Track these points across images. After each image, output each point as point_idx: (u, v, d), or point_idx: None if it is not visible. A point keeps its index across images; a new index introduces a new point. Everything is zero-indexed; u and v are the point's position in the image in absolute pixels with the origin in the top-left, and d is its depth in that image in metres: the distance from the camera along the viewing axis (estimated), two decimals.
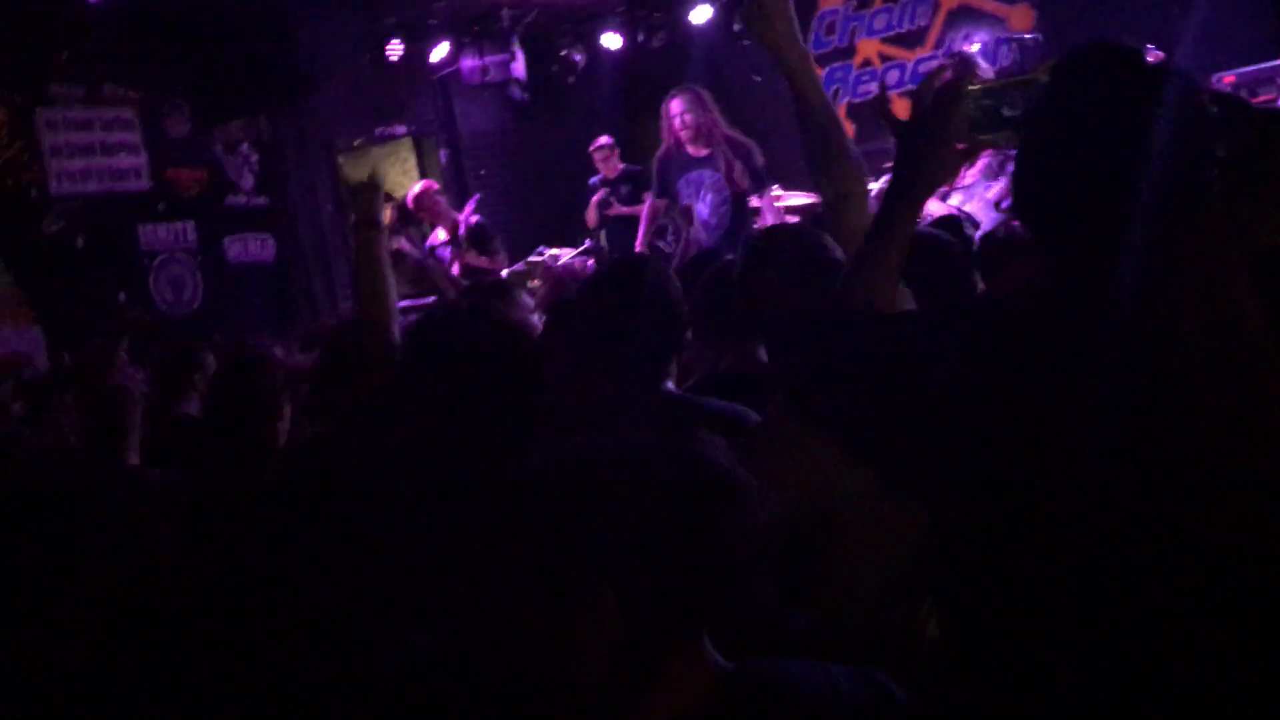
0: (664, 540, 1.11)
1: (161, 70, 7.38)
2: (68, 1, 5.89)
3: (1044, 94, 1.40)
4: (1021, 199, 1.44)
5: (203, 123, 7.63)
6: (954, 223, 4.20)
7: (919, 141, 1.66)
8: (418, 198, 7.45)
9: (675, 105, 6.37)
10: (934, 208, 5.62)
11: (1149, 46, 6.60)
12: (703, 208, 6.37)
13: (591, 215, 7.63)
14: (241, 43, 6.70)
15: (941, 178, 1.69)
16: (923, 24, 8.90)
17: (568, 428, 2.10)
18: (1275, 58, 6.47)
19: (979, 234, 5.15)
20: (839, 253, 2.33)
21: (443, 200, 7.61)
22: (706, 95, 6.46)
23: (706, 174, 6.38)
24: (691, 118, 6.31)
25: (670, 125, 6.40)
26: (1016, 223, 3.71)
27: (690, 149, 6.36)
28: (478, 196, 7.54)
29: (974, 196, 5.74)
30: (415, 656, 1.06)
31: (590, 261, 7.43)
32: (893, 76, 9.11)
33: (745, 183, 6.35)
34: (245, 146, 8.10)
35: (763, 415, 2.25)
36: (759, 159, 6.44)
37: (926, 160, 1.65)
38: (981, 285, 3.40)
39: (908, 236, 1.69)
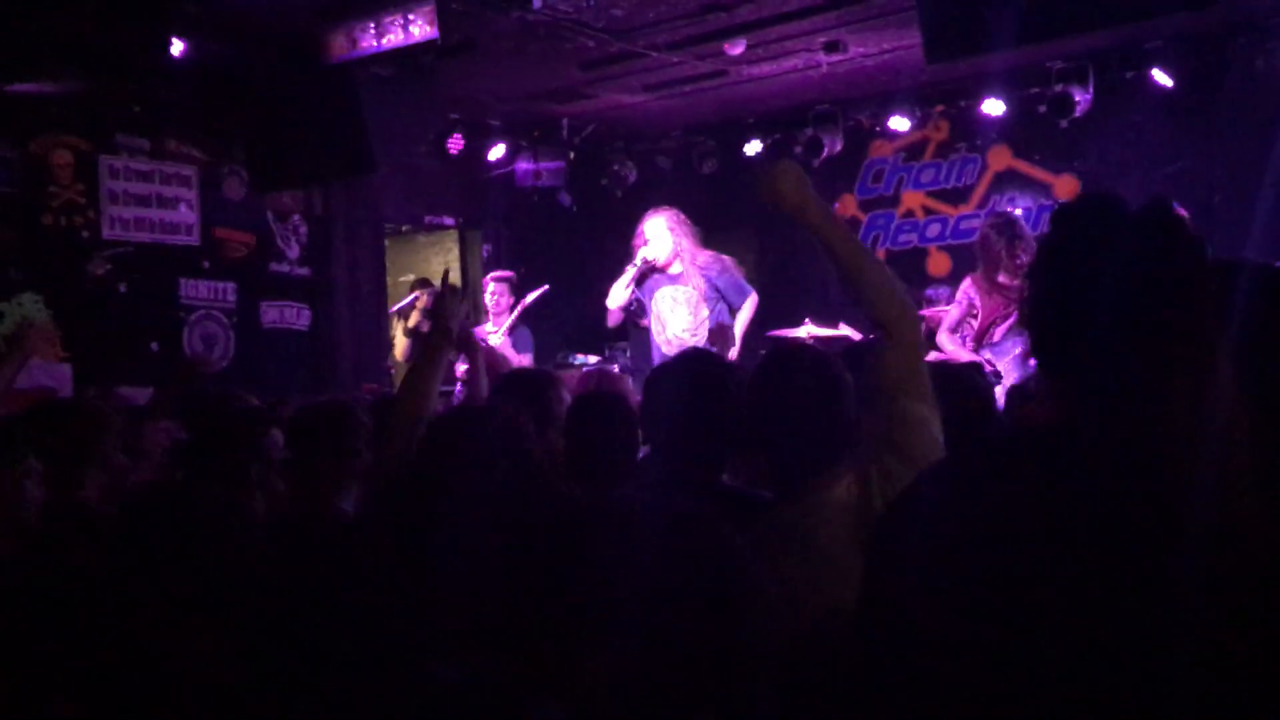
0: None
1: (226, 133, 7.60)
2: (148, 56, 6.09)
3: (1044, 244, 1.49)
4: (1034, 341, 1.51)
5: (258, 189, 7.82)
6: (978, 367, 4.26)
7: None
8: (498, 280, 7.74)
9: (649, 227, 6.49)
10: (962, 356, 5.69)
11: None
12: (678, 323, 6.44)
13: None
14: (309, 117, 6.90)
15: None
16: (969, 182, 9.10)
17: None
18: None
19: (1007, 385, 5.20)
20: (846, 375, 2.40)
21: (512, 298, 7.79)
22: (679, 216, 6.57)
23: (682, 290, 6.45)
24: (665, 240, 6.42)
25: (644, 244, 6.53)
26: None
27: (665, 268, 6.47)
28: (547, 288, 7.63)
29: (1003, 353, 5.80)
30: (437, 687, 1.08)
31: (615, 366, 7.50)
32: (933, 230, 9.28)
33: (715, 302, 6.42)
34: (296, 217, 8.29)
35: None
36: (730, 275, 6.50)
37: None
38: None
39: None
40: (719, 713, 1.30)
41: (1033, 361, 5.61)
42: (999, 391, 5.43)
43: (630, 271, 6.47)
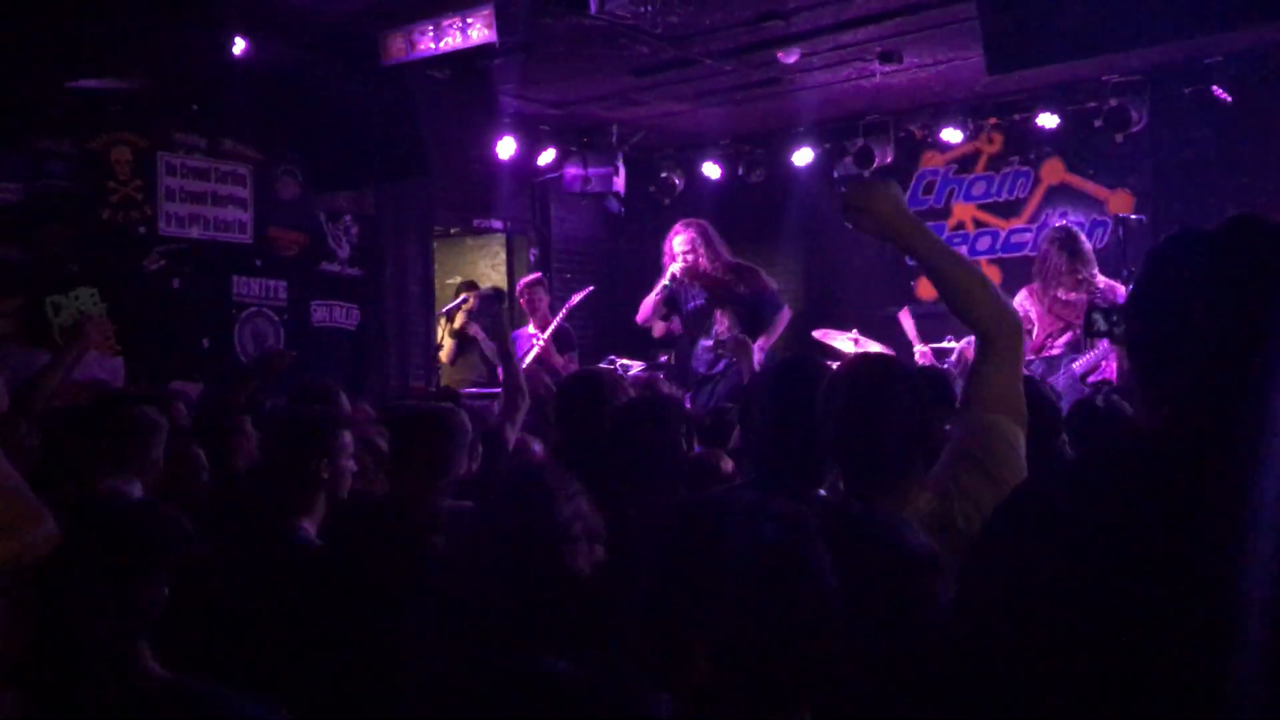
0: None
1: (282, 134, 7.67)
2: (211, 56, 6.16)
3: (1142, 277, 1.51)
4: (1137, 359, 1.51)
5: (311, 189, 7.88)
6: (1035, 382, 4.20)
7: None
8: (528, 286, 7.76)
9: (675, 243, 6.48)
10: None
11: None
12: (706, 342, 6.44)
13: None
14: (364, 118, 6.95)
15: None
16: (1020, 196, 9.03)
17: None
18: None
19: (1067, 402, 5.14)
20: (922, 385, 2.37)
21: (546, 297, 7.83)
22: (706, 230, 6.55)
23: (711, 303, 6.44)
24: (690, 255, 6.41)
25: (670, 259, 6.53)
26: (1115, 395, 3.73)
27: (693, 284, 6.47)
28: (591, 289, 7.65)
29: (1060, 368, 5.74)
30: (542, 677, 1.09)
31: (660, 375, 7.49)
32: (984, 243, 9.21)
33: (739, 322, 6.42)
34: (348, 218, 8.34)
35: None
36: (761, 289, 6.46)
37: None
38: (1069, 449, 3.40)
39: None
40: (814, 708, 1.30)
41: (1091, 379, 5.57)
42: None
43: (657, 290, 6.48)
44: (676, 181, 9.95)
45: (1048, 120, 8.33)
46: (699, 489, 3.28)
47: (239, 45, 6.09)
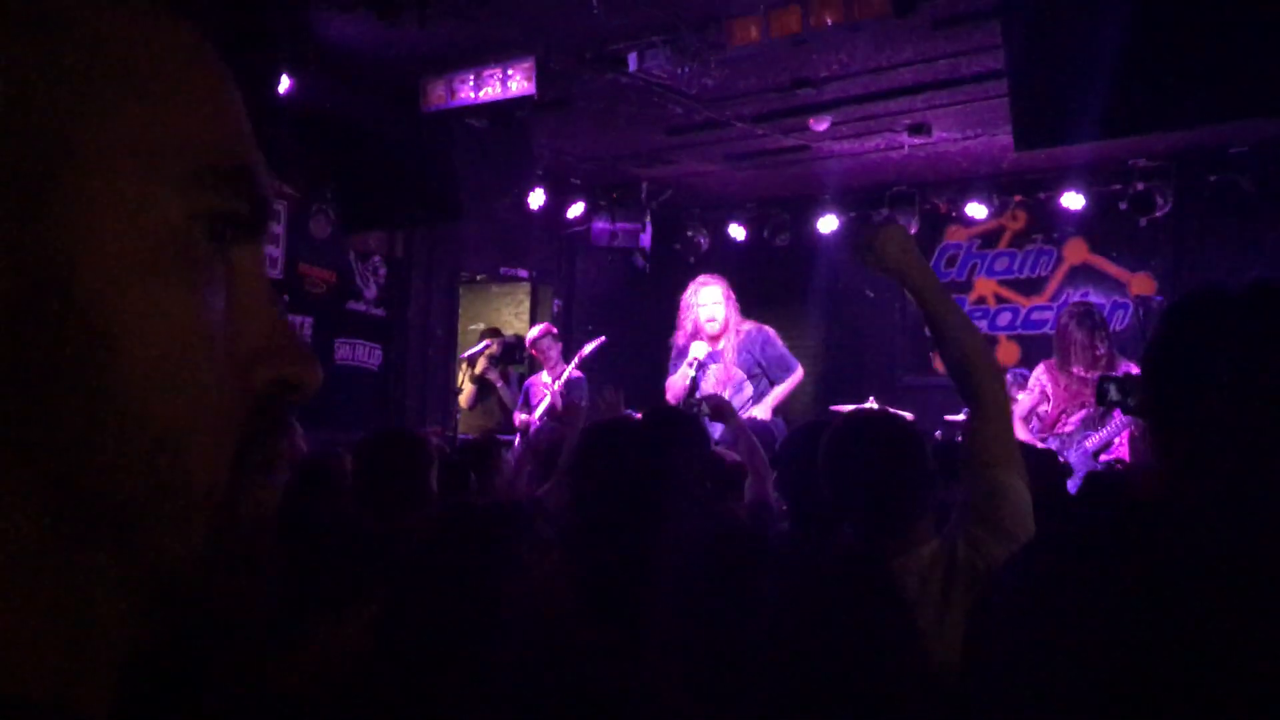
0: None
1: (319, 172, 7.82)
2: (257, 91, 6.31)
3: (1158, 334, 1.54)
4: (1150, 418, 1.54)
5: (346, 229, 8.02)
6: (1051, 454, 4.25)
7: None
8: (537, 339, 7.78)
9: (700, 295, 6.51)
10: (1029, 440, 5.65)
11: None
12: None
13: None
14: (400, 163, 7.09)
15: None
16: (1043, 274, 9.10)
17: None
18: None
19: (1076, 478, 5.17)
20: (920, 438, 2.44)
21: (558, 347, 7.87)
22: (726, 287, 6.58)
23: (721, 366, 6.44)
24: (720, 309, 6.43)
25: (691, 314, 6.54)
26: (1119, 467, 3.76)
27: (707, 339, 6.47)
28: (603, 340, 7.69)
29: (1073, 445, 5.76)
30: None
31: None
32: (1004, 318, 9.27)
33: (757, 376, 6.41)
34: (377, 258, 8.47)
35: None
36: (773, 348, 6.48)
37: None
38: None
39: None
40: None
41: (1103, 457, 5.59)
42: (1070, 484, 5.40)
43: (689, 370, 6.41)
44: (701, 241, 10.06)
45: (1073, 200, 8.42)
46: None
47: (284, 83, 6.24)
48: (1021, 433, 5.97)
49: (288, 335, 0.52)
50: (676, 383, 6.57)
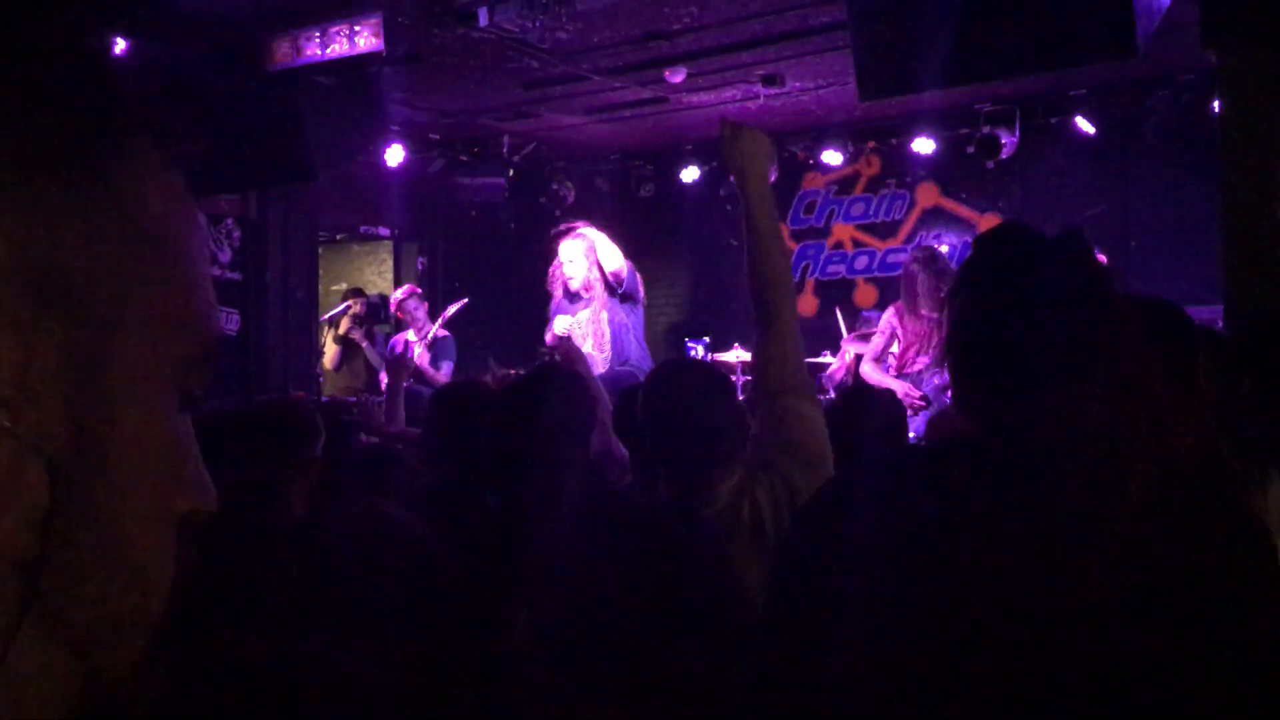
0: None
1: (163, 136, 7.53)
2: (89, 52, 6.04)
3: (963, 267, 1.58)
4: (951, 359, 1.59)
5: (195, 192, 7.75)
6: (893, 394, 4.39)
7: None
8: (402, 301, 7.70)
9: (562, 251, 6.56)
10: (887, 383, 5.84)
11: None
12: (587, 343, 6.44)
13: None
14: (249, 122, 6.89)
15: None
16: (897, 218, 9.34)
17: None
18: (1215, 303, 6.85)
19: (927, 415, 5.36)
20: (730, 380, 2.51)
21: (424, 306, 7.81)
22: (590, 239, 6.61)
23: (586, 312, 6.49)
24: (579, 265, 6.48)
25: (556, 267, 6.60)
26: None
27: (573, 289, 6.52)
28: (465, 301, 7.66)
29: (923, 382, 5.97)
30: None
31: None
32: (861, 262, 9.50)
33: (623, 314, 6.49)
34: (230, 221, 8.25)
35: None
36: (627, 280, 6.56)
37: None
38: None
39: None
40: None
41: (949, 394, 5.81)
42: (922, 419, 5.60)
43: (563, 321, 6.45)
44: (567, 195, 10.04)
45: (923, 145, 8.65)
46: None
47: (119, 45, 6.00)
48: (874, 373, 6.17)
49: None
50: (554, 327, 6.62)
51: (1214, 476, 1.52)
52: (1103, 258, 5.89)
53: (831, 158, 9.04)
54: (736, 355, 7.57)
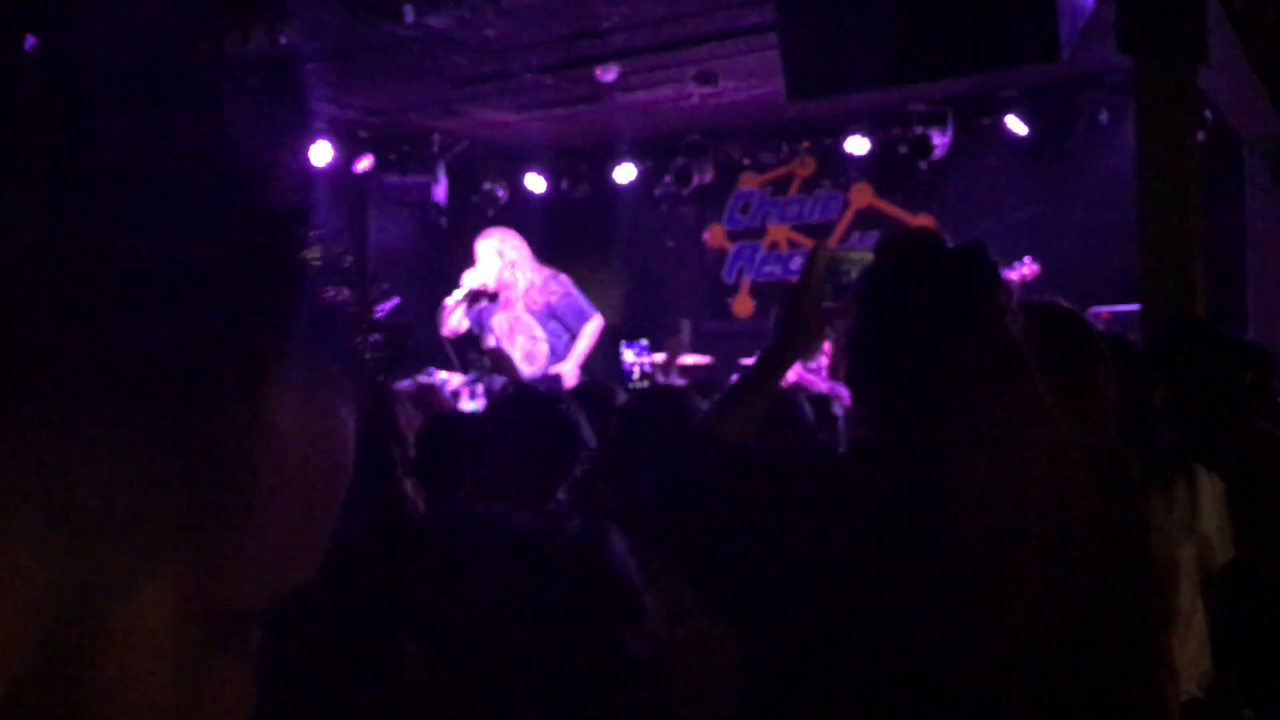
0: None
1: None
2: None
3: (861, 279, 1.54)
4: (848, 365, 1.56)
5: None
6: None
7: (791, 301, 1.77)
8: None
9: (480, 249, 6.42)
10: (819, 386, 5.82)
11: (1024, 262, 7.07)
12: (513, 352, 6.33)
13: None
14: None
15: (806, 337, 1.77)
16: (831, 218, 9.34)
17: None
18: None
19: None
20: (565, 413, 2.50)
21: None
22: (511, 237, 6.49)
23: (515, 316, 6.38)
24: (493, 264, 6.35)
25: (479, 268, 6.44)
26: None
27: (499, 291, 6.40)
28: (397, 300, 7.51)
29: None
30: None
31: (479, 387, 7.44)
32: (797, 263, 9.48)
33: (546, 322, 6.35)
34: None
35: None
36: (568, 297, 6.42)
37: (798, 319, 1.74)
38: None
39: (769, 395, 1.78)
40: None
41: None
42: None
43: (455, 297, 6.35)
44: (500, 193, 9.94)
45: (857, 145, 8.65)
46: None
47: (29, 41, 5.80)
48: (806, 375, 6.15)
49: None
50: (450, 316, 6.44)
51: (1112, 480, 1.50)
52: (1034, 266, 5.90)
53: (767, 158, 9.03)
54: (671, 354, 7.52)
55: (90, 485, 0.37)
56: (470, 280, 6.24)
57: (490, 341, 6.27)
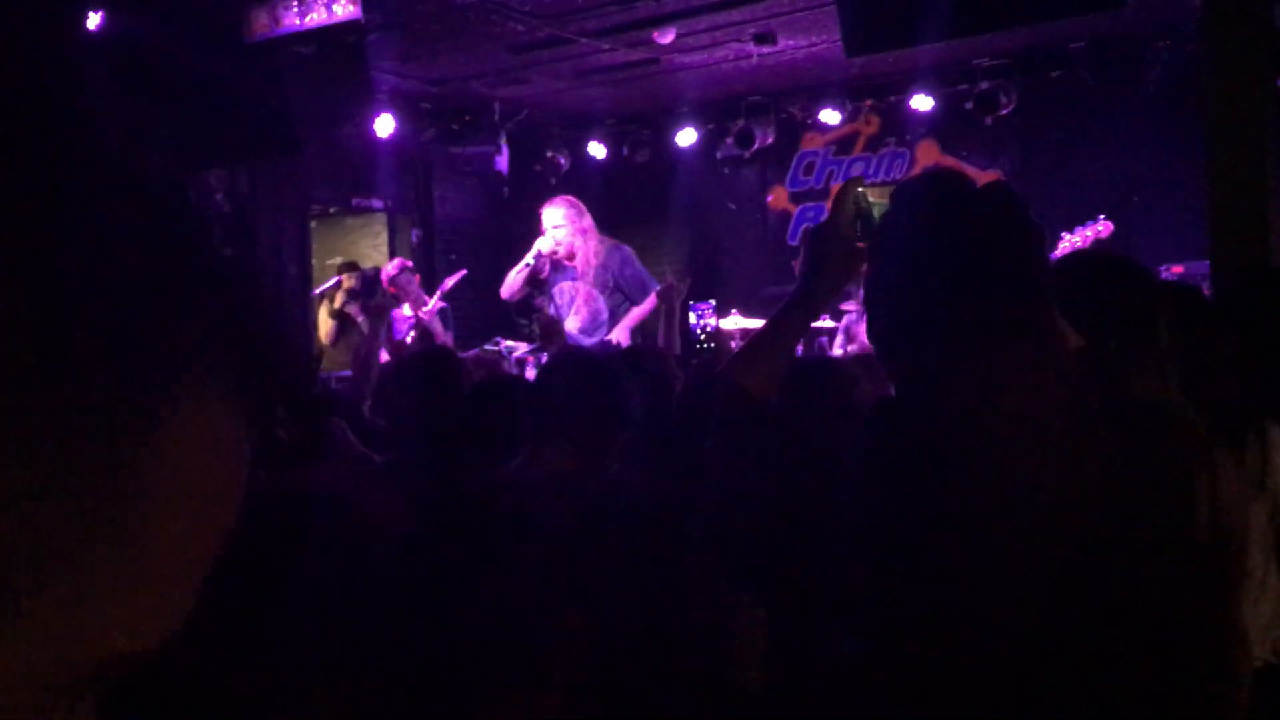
0: None
1: (146, 109, 7.46)
2: (65, 23, 5.96)
3: (882, 222, 1.49)
4: (869, 323, 1.51)
5: (180, 166, 7.68)
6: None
7: (818, 241, 1.72)
8: (393, 277, 7.59)
9: (547, 217, 6.39)
10: None
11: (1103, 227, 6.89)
12: (575, 320, 6.30)
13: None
14: (231, 95, 6.80)
15: (838, 278, 1.73)
16: (897, 177, 9.18)
17: None
18: None
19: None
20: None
21: (415, 280, 7.71)
22: (578, 206, 6.46)
23: (580, 286, 6.36)
24: (561, 231, 6.31)
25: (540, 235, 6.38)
26: None
27: (567, 258, 6.36)
28: (464, 273, 7.57)
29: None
30: None
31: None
32: None
33: (610, 293, 6.29)
34: (220, 197, 8.18)
35: None
36: (630, 268, 6.37)
37: (825, 260, 1.70)
38: None
39: (799, 335, 1.74)
40: None
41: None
42: None
43: (522, 265, 6.35)
44: (562, 161, 9.94)
45: (922, 103, 8.49)
46: None
47: (93, 20, 5.91)
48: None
49: None
50: (510, 277, 6.46)
51: (1173, 432, 1.44)
52: (1108, 224, 5.72)
53: (829, 117, 8.91)
54: (735, 322, 7.48)
55: None
56: (541, 246, 6.24)
57: (549, 310, 6.27)
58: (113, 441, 0.35)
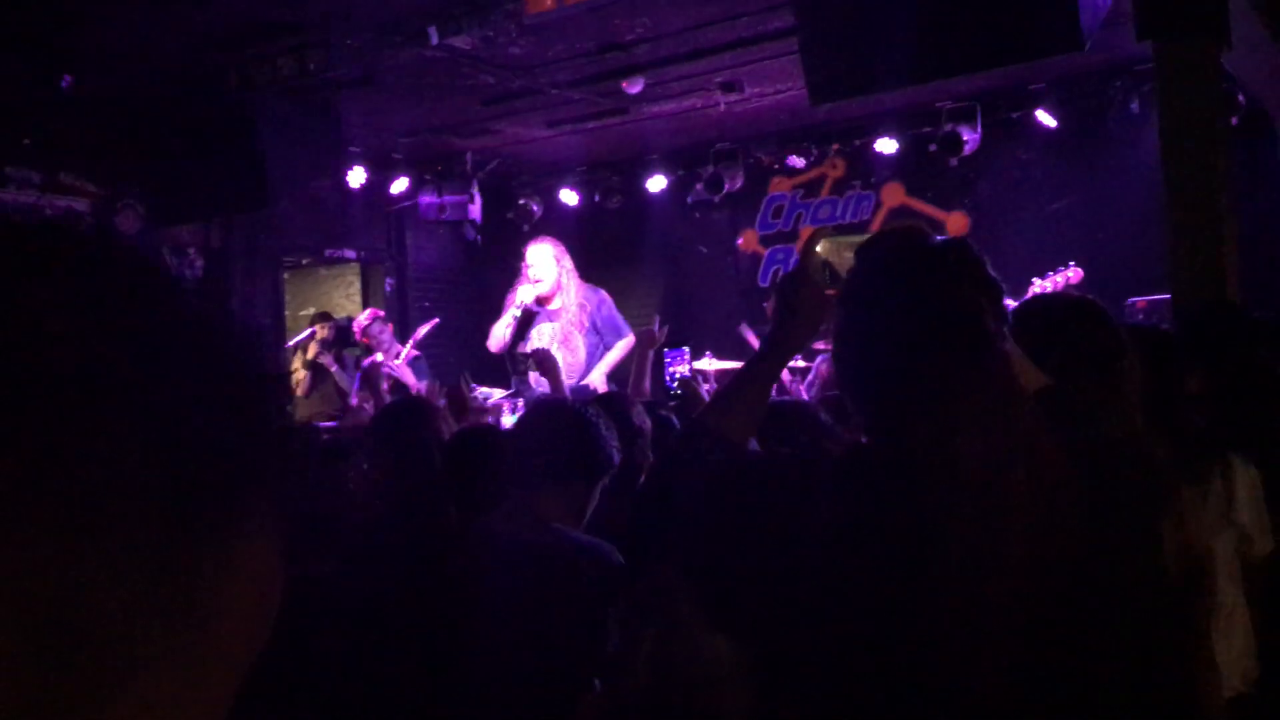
0: None
1: (121, 166, 7.50)
2: (37, 86, 6.00)
3: (848, 279, 1.55)
4: (836, 371, 1.56)
5: (156, 222, 7.72)
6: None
7: (789, 288, 1.76)
8: (366, 327, 7.62)
9: (532, 255, 6.47)
10: None
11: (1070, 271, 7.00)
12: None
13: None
14: (205, 149, 6.84)
15: (806, 328, 1.77)
16: (864, 219, 9.32)
17: None
18: None
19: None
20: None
21: (389, 329, 7.74)
22: (561, 245, 6.54)
23: (559, 327, 6.40)
24: (549, 270, 6.39)
25: (525, 275, 6.47)
26: None
27: (550, 298, 6.44)
28: (436, 321, 7.62)
29: None
30: None
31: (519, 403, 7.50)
32: None
33: (588, 335, 6.36)
34: (193, 251, 8.20)
35: None
36: (607, 310, 6.45)
37: (798, 306, 1.74)
38: None
39: (771, 384, 1.79)
40: None
41: None
42: None
43: (510, 319, 6.40)
44: (535, 208, 10.02)
45: (886, 145, 8.64)
46: None
47: (65, 79, 5.95)
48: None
49: None
50: (497, 329, 6.51)
51: (1124, 475, 1.49)
52: (1078, 270, 5.77)
53: (797, 161, 9.04)
54: (709, 364, 7.53)
55: (80, 590, 0.39)
56: (526, 295, 6.29)
57: (525, 349, 6.31)
58: (195, 554, 0.43)
